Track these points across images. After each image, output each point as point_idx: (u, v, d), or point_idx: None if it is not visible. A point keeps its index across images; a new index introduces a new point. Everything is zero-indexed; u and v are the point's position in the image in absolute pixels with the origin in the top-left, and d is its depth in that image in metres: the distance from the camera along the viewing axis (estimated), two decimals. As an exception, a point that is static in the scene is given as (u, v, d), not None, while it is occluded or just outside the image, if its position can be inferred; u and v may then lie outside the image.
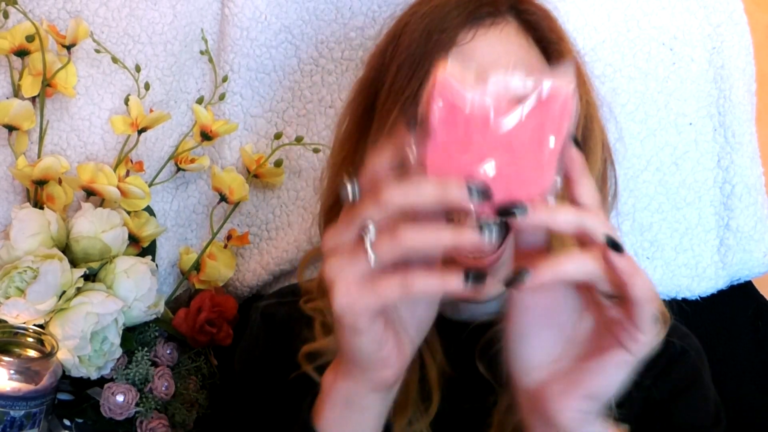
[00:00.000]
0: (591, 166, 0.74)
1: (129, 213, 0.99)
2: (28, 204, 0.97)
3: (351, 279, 0.49)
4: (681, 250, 1.02)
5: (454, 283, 0.47)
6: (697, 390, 0.78)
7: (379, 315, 0.50)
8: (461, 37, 0.70)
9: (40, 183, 0.96)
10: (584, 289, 0.51)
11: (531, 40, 0.73)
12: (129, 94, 1.01)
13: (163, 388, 0.95)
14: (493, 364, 0.67)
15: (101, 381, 0.93)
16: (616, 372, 0.50)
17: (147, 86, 1.02)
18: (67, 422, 0.95)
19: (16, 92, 1.00)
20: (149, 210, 1.02)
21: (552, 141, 0.47)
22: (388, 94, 0.71)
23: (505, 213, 0.46)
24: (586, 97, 0.75)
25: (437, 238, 0.47)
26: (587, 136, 0.75)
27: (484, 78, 0.47)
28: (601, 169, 0.77)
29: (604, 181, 0.78)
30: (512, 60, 0.70)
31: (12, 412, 0.84)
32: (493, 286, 0.52)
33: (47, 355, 0.87)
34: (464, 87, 0.47)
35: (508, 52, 0.70)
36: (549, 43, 0.74)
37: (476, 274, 0.47)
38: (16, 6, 0.98)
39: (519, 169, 0.47)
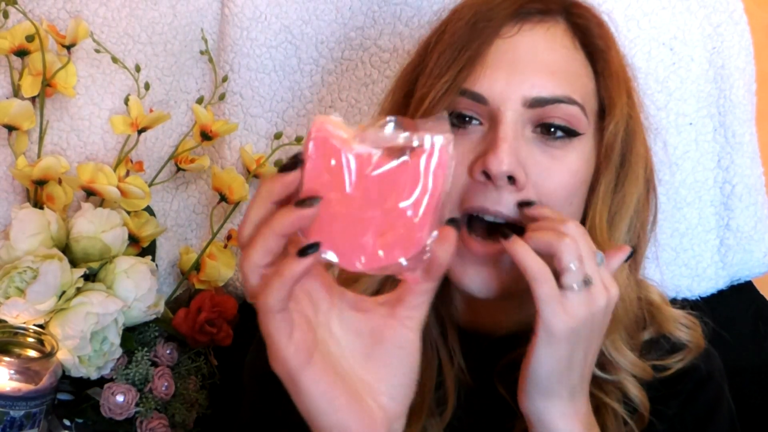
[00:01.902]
0: (630, 183, 0.70)
1: (129, 213, 0.99)
2: (28, 204, 0.97)
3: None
4: (681, 250, 1.02)
5: (292, 267, 0.47)
6: (721, 416, 0.75)
7: (317, 367, 0.50)
8: (506, 29, 0.68)
9: (40, 183, 0.96)
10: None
11: (578, 44, 0.71)
12: (129, 94, 1.01)
13: (163, 388, 0.95)
14: (513, 386, 0.64)
15: (101, 381, 0.93)
16: None
17: (147, 86, 1.01)
18: (67, 422, 0.95)
19: (16, 92, 1.00)
20: (149, 210, 1.02)
21: (425, 197, 0.47)
22: (426, 79, 0.69)
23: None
24: (629, 111, 0.71)
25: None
26: (627, 150, 0.71)
27: (361, 133, 0.47)
28: (642, 191, 0.72)
29: (645, 206, 0.73)
30: (553, 58, 0.68)
31: (12, 412, 0.84)
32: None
33: (47, 355, 0.87)
34: (339, 141, 0.47)
35: (551, 49, 0.68)
36: (596, 50, 0.71)
37: (303, 249, 0.47)
38: (16, 6, 0.98)
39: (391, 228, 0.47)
